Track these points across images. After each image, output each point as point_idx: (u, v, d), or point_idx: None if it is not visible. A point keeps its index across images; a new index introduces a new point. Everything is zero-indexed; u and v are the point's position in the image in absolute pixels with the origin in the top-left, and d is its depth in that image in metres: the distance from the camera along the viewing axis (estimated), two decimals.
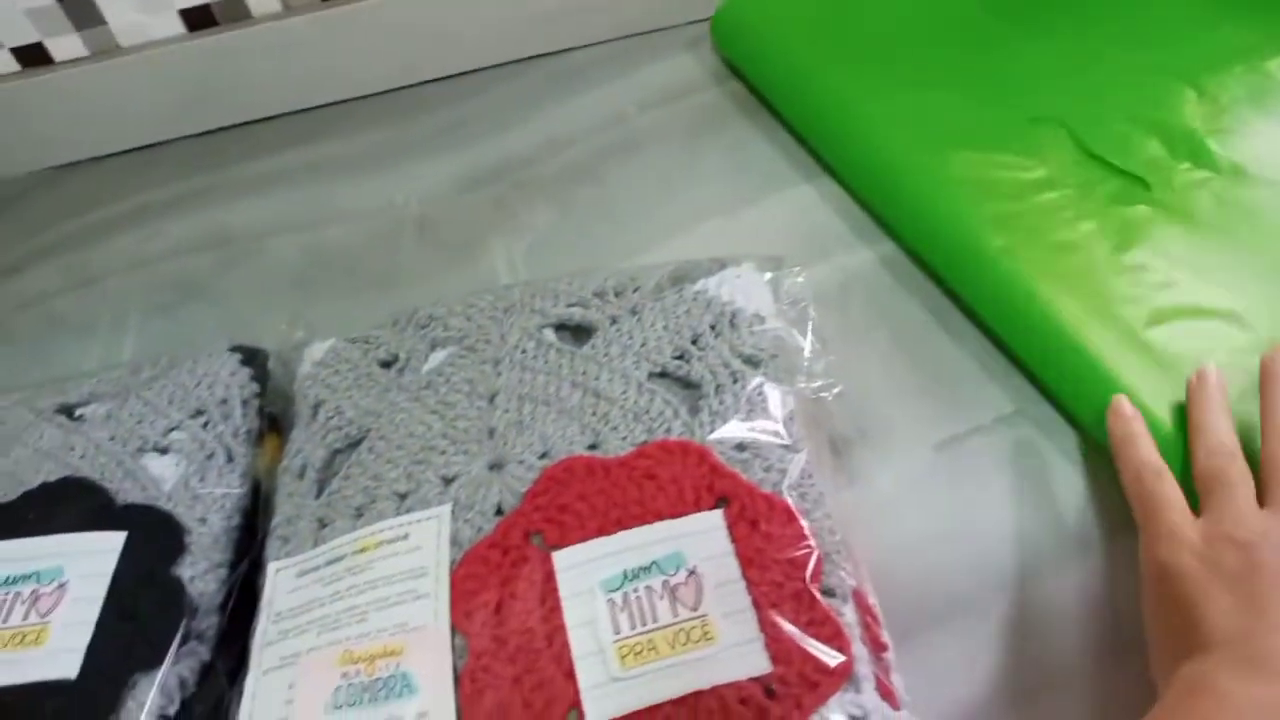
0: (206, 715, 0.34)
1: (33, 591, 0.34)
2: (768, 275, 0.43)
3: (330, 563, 0.34)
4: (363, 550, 0.34)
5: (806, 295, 0.43)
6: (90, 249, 0.59)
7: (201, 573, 0.36)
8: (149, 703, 0.32)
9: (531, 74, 0.63)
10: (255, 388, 0.42)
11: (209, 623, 0.35)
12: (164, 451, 0.40)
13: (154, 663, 0.33)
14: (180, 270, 0.57)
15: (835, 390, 0.39)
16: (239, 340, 0.45)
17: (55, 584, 0.34)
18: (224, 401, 0.41)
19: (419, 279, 0.54)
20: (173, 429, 0.40)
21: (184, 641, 0.34)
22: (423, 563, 0.33)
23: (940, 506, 0.40)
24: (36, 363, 0.54)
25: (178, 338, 0.53)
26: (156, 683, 0.32)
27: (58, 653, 0.32)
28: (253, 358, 0.44)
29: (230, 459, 0.40)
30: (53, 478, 0.38)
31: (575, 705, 0.29)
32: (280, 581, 0.35)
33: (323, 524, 0.36)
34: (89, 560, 0.35)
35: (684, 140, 0.58)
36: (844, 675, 0.29)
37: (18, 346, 0.55)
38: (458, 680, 0.30)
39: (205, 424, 0.40)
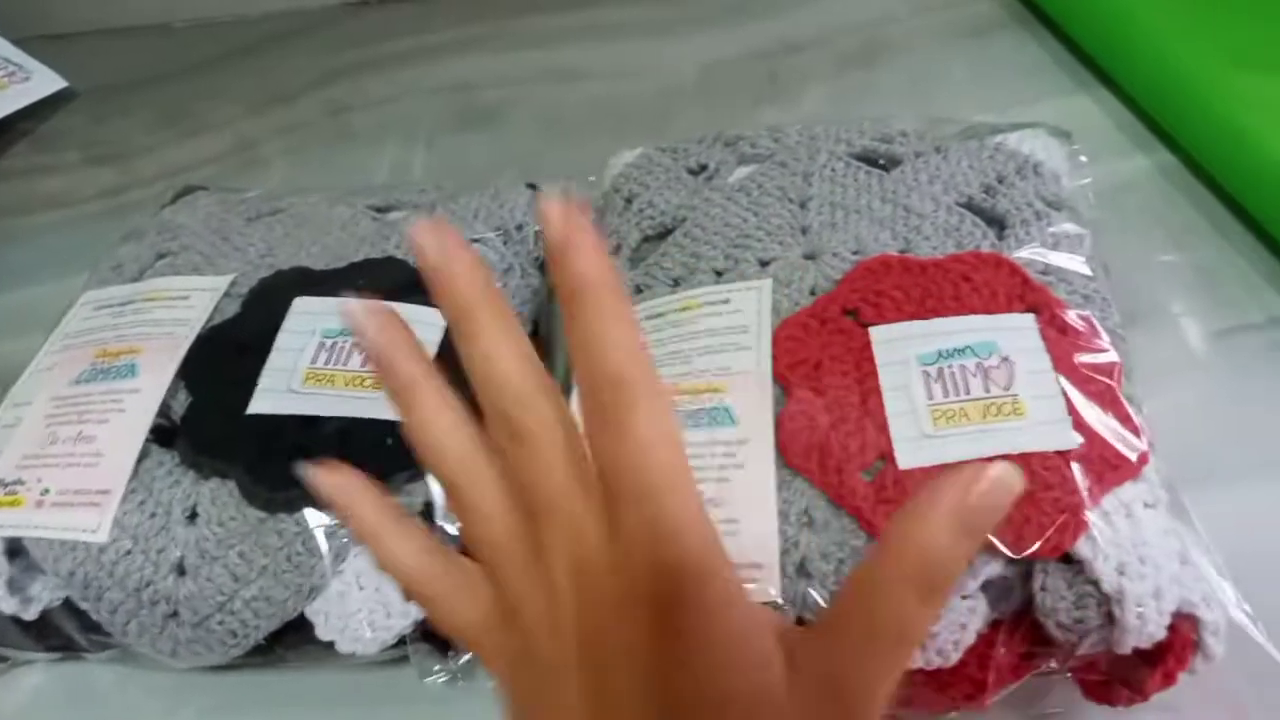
0: None
1: None
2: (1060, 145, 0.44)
3: (651, 318, 0.38)
4: (685, 309, 0.38)
5: (1088, 175, 0.44)
6: (376, 78, 0.65)
7: None
8: None
9: None
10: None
11: None
12: None
13: None
14: (463, 104, 0.62)
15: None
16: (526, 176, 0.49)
17: None
18: (520, 227, 0.45)
19: (693, 132, 0.57)
20: (476, 239, 0.44)
21: None
22: (745, 322, 0.36)
23: (1210, 388, 0.41)
24: (328, 168, 0.60)
25: (461, 161, 0.59)
26: None
27: None
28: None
29: (523, 276, 0.44)
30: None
31: (886, 454, 0.32)
32: None
33: (639, 290, 0.40)
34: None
35: (957, 42, 0.60)
36: (1143, 464, 0.31)
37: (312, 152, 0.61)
38: (777, 420, 0.33)
39: (505, 241, 0.44)
